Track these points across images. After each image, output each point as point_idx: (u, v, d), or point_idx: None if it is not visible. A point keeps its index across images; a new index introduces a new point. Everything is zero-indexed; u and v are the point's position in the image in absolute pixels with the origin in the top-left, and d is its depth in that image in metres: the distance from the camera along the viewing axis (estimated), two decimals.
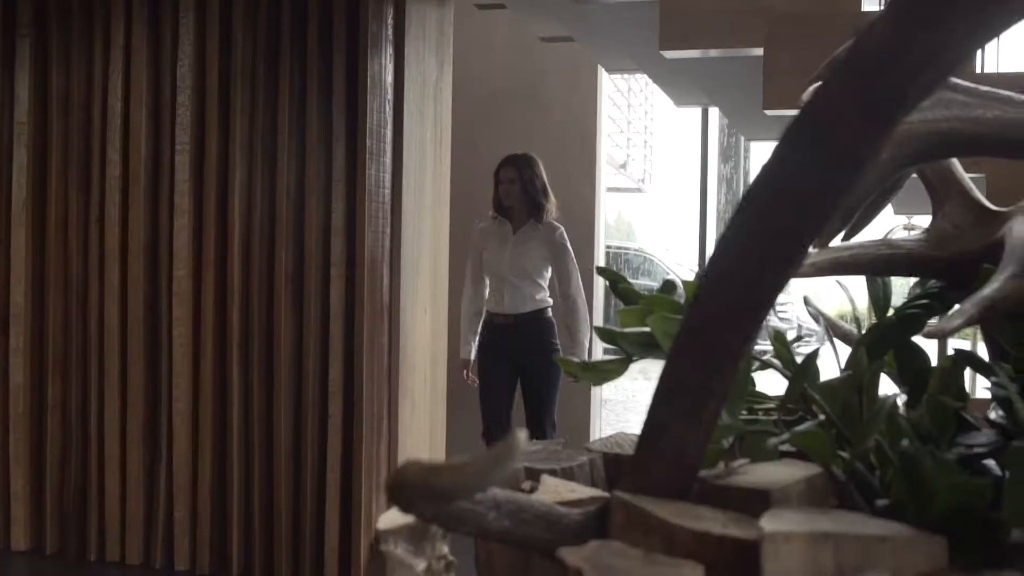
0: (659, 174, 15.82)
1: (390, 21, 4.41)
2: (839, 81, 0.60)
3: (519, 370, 4.91)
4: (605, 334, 1.03)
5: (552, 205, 4.90)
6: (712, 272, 0.70)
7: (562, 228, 4.89)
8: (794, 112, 2.17)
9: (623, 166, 13.60)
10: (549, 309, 4.92)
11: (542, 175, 4.90)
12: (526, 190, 4.85)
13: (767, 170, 0.65)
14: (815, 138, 0.61)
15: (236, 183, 4.41)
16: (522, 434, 0.56)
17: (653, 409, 0.80)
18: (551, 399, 4.87)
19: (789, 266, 0.67)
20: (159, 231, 4.52)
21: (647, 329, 1.01)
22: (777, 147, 0.64)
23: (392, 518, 0.85)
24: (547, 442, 1.19)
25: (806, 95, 1.11)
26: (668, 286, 1.24)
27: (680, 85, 4.17)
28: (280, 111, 4.38)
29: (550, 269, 4.93)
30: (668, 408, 0.79)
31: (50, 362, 4.66)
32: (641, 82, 14.16)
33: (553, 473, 1.07)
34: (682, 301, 1.14)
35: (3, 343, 4.72)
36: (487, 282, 5.01)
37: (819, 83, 1.16)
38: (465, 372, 5.04)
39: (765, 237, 0.66)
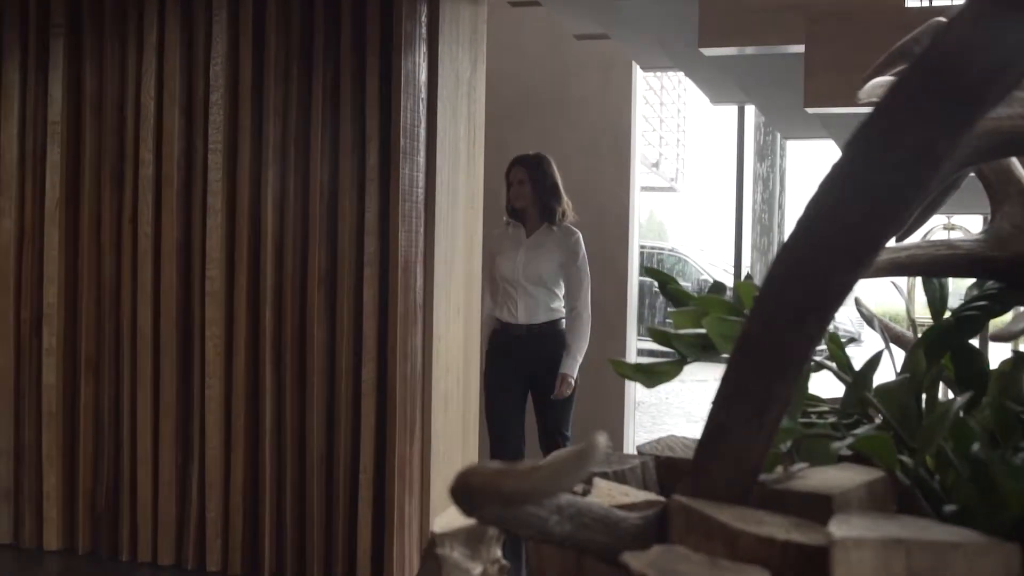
0: (691, 173, 15.76)
1: (424, 19, 4.42)
2: (915, 80, 0.59)
3: (530, 382, 4.70)
4: (659, 335, 1.02)
5: (567, 207, 4.67)
6: (778, 272, 0.70)
7: (579, 234, 4.65)
8: (836, 110, 2.14)
9: (655, 165, 13.56)
10: (563, 320, 4.69)
11: (554, 175, 4.69)
12: (536, 191, 4.64)
13: (838, 168, 0.64)
14: (890, 137, 0.61)
15: (269, 183, 4.42)
16: (601, 438, 0.55)
17: (714, 413, 0.80)
18: (567, 412, 4.65)
19: (859, 266, 0.66)
20: (192, 231, 4.55)
21: (702, 331, 1.00)
22: (849, 145, 0.64)
23: (448, 521, 0.85)
24: None
25: (864, 92, 1.10)
26: (717, 287, 1.24)
27: (718, 83, 4.16)
28: (313, 110, 4.40)
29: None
30: (729, 412, 0.79)
31: (83, 362, 4.70)
32: (674, 80, 14.11)
33: (605, 476, 1.07)
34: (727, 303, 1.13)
35: (36, 343, 4.76)
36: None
37: (875, 79, 1.16)
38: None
39: (835, 237, 0.66)
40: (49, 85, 4.74)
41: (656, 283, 1.26)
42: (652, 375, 1.02)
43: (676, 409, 9.86)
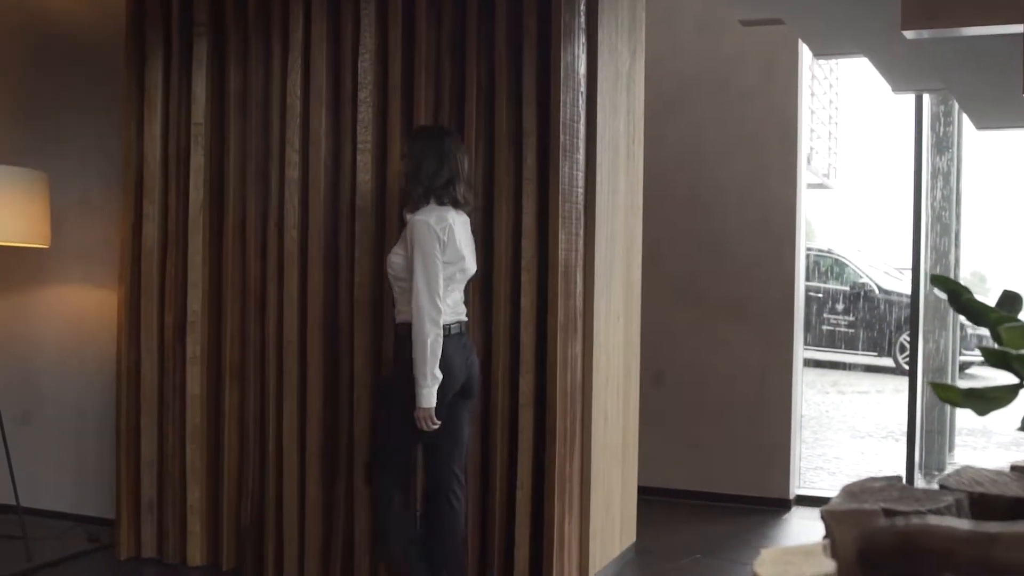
0: (844, 168, 15.38)
1: (582, 8, 4.36)
2: None
3: None
4: (996, 356, 0.94)
5: (432, 190, 3.93)
6: None
7: (419, 219, 3.87)
8: None
9: (807, 160, 13.28)
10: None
11: (413, 150, 4.01)
12: (404, 173, 4.09)
13: None
14: None
15: None
16: None
17: None
18: (453, 446, 4.09)
19: None
20: (340, 235, 4.56)
21: None
22: None
23: (781, 570, 0.78)
24: (891, 478, 1.10)
25: None
26: (1011, 298, 1.14)
27: (909, 69, 3.99)
28: (467, 106, 4.37)
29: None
30: None
31: (227, 371, 4.77)
32: (825, 68, 13.80)
33: (919, 515, 0.99)
34: None
35: (180, 352, 4.85)
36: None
37: None
38: None
39: None
40: (192, 85, 4.82)
41: (946, 294, 1.18)
42: (985, 401, 0.93)
43: (838, 424, 9.58)
